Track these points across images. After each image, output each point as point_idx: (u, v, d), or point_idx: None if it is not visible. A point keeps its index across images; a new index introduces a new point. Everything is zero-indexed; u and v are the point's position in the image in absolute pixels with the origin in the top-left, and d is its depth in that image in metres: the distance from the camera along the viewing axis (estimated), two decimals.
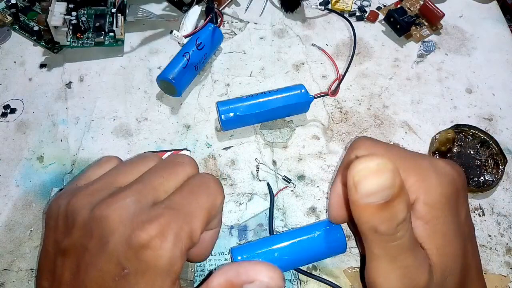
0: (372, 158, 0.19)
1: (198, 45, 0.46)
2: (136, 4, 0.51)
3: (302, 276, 0.37)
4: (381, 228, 0.20)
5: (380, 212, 0.20)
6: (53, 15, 0.45)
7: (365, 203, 0.20)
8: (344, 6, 0.54)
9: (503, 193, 0.42)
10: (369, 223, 0.20)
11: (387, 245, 0.21)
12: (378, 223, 0.20)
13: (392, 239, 0.21)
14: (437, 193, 0.23)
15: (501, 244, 0.40)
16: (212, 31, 0.47)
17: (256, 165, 0.43)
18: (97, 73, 0.48)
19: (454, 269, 0.23)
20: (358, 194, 0.20)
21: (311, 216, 0.40)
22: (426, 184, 0.24)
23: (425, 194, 0.23)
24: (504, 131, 0.46)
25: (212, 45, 0.48)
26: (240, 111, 0.42)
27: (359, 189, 0.20)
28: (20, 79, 0.47)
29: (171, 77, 0.43)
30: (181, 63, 0.45)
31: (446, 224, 0.23)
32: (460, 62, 0.51)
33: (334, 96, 0.47)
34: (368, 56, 0.51)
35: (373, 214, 0.20)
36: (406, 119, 0.46)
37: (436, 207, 0.23)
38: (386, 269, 0.22)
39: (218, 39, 0.49)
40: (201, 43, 0.46)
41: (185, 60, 0.45)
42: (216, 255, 0.38)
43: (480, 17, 0.55)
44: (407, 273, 0.22)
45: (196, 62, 0.46)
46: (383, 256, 0.22)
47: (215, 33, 0.48)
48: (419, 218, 0.23)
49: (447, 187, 0.24)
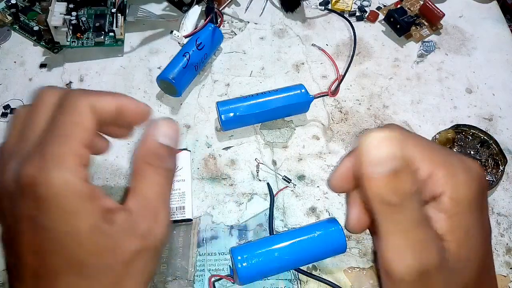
0: (382, 129, 0.21)
1: (198, 45, 0.46)
2: (136, 4, 0.51)
3: (302, 276, 0.37)
4: (390, 198, 0.21)
5: (389, 182, 0.21)
6: (53, 15, 0.45)
7: (375, 173, 0.21)
8: (344, 6, 0.54)
9: (503, 193, 0.42)
10: (379, 194, 0.21)
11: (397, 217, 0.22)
12: (387, 193, 0.21)
13: (402, 211, 0.21)
14: (465, 190, 0.24)
15: (501, 244, 0.40)
16: (212, 31, 0.47)
17: (256, 165, 0.43)
18: (97, 73, 0.48)
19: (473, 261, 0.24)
20: (368, 162, 0.21)
21: (311, 216, 0.40)
22: (454, 180, 0.24)
23: (452, 189, 0.24)
24: (504, 131, 0.46)
25: (212, 45, 0.48)
26: (240, 111, 0.42)
27: (369, 157, 0.21)
28: (20, 79, 0.48)
29: (171, 77, 0.43)
30: (181, 63, 0.45)
31: (470, 220, 0.24)
32: (460, 62, 0.51)
33: (334, 96, 0.47)
34: (368, 56, 0.51)
35: (382, 185, 0.21)
36: (406, 119, 0.46)
37: (462, 203, 0.23)
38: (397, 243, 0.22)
39: (218, 39, 0.49)
40: (201, 43, 0.46)
41: (185, 60, 0.45)
42: (216, 255, 0.38)
43: (480, 17, 0.55)
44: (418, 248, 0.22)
45: (196, 62, 0.46)
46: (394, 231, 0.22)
47: (215, 33, 0.48)
48: (443, 211, 0.24)
49: (475, 185, 0.24)
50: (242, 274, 0.34)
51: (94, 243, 0.22)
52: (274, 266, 0.35)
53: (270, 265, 0.35)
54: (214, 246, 0.39)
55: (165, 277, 0.37)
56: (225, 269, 0.38)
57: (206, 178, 0.42)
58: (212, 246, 0.39)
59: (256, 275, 0.35)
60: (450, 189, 0.24)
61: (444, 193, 0.24)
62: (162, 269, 0.37)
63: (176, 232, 0.39)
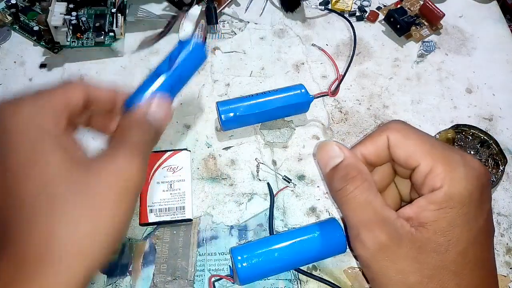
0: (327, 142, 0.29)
1: (172, 65, 0.38)
2: (136, 4, 0.51)
3: (302, 276, 0.37)
4: (335, 185, 0.27)
5: (334, 172, 0.27)
6: (53, 15, 0.45)
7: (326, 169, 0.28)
8: (344, 6, 0.54)
9: (503, 193, 0.42)
10: (328, 183, 0.28)
11: (344, 200, 0.26)
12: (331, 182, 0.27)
13: (346, 195, 0.26)
14: (461, 186, 0.25)
15: (501, 244, 0.40)
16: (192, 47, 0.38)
17: (256, 165, 0.43)
18: (97, 73, 0.48)
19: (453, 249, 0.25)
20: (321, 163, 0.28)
21: (311, 216, 0.40)
22: (452, 175, 0.25)
23: (449, 184, 0.25)
24: (504, 131, 0.46)
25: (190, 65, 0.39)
26: (240, 111, 0.42)
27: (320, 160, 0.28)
28: (20, 79, 0.48)
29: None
30: (150, 86, 0.36)
31: (457, 213, 0.25)
32: (460, 62, 0.51)
33: (334, 96, 0.47)
34: (368, 56, 0.51)
35: (329, 176, 0.28)
36: (406, 119, 0.46)
37: (455, 198, 0.25)
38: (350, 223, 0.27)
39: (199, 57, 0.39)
40: (175, 62, 0.38)
41: (156, 83, 0.37)
42: (216, 255, 0.38)
43: (480, 17, 0.55)
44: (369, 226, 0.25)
45: (170, 85, 0.38)
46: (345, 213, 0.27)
47: (195, 50, 0.38)
48: (433, 202, 0.25)
49: (473, 181, 0.25)
50: (242, 274, 0.34)
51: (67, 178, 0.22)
52: (274, 266, 0.35)
53: (270, 265, 0.35)
54: (214, 246, 0.39)
55: (165, 277, 0.37)
56: (225, 269, 0.38)
57: (206, 178, 0.42)
58: (212, 246, 0.39)
59: (256, 275, 0.35)
60: (447, 183, 0.25)
61: (441, 187, 0.25)
62: (162, 269, 0.37)
63: (176, 232, 0.39)
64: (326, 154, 0.28)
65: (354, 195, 0.26)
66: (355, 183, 0.26)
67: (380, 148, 0.28)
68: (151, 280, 0.37)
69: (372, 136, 0.29)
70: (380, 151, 0.28)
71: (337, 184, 0.27)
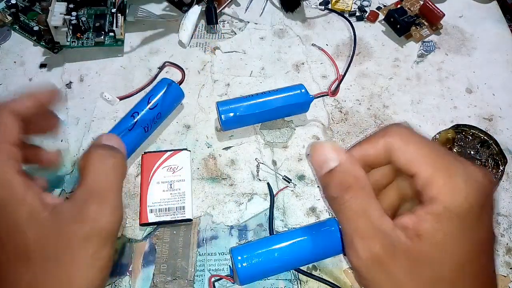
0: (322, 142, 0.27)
1: (150, 105, 0.41)
2: (136, 4, 0.51)
3: (302, 276, 0.37)
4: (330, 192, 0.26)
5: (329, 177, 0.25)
6: (53, 15, 0.45)
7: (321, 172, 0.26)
8: (344, 6, 0.54)
9: (503, 193, 0.42)
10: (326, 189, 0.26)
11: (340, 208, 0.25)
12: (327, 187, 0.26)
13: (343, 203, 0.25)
14: (461, 198, 0.24)
15: (501, 244, 0.40)
16: (168, 87, 0.42)
17: (256, 165, 0.43)
18: (97, 73, 0.48)
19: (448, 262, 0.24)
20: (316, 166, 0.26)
21: (311, 216, 0.40)
22: (452, 186, 0.24)
23: (448, 196, 0.24)
24: (504, 131, 0.46)
25: (168, 103, 0.43)
26: (240, 111, 0.42)
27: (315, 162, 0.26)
28: (20, 79, 0.47)
29: None
30: (126, 125, 0.40)
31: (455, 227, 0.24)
32: (460, 62, 0.51)
33: (334, 96, 0.47)
34: (368, 56, 0.51)
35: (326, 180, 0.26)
36: (406, 119, 0.46)
37: (453, 211, 0.24)
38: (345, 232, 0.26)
39: (177, 96, 0.44)
40: (154, 102, 0.42)
41: (132, 122, 0.40)
42: (216, 255, 0.38)
43: (480, 17, 0.55)
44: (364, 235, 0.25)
45: (146, 123, 0.41)
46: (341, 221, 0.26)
47: (171, 90, 0.42)
48: (431, 213, 0.24)
49: (474, 193, 0.24)
50: (242, 274, 0.34)
51: (37, 231, 0.23)
52: (274, 266, 0.35)
53: (270, 265, 0.35)
54: (214, 246, 0.39)
55: (165, 277, 0.37)
56: (225, 269, 0.38)
57: (206, 178, 0.42)
58: (212, 246, 0.39)
59: (256, 275, 0.35)
60: (446, 196, 0.24)
61: (440, 198, 0.24)
62: (162, 269, 0.37)
63: (176, 232, 0.39)
64: (321, 156, 0.26)
65: (350, 204, 0.25)
66: (351, 192, 0.25)
67: (379, 151, 0.28)
68: (151, 280, 0.37)
69: (371, 139, 0.28)
70: (379, 154, 0.28)
71: (333, 191, 0.26)
